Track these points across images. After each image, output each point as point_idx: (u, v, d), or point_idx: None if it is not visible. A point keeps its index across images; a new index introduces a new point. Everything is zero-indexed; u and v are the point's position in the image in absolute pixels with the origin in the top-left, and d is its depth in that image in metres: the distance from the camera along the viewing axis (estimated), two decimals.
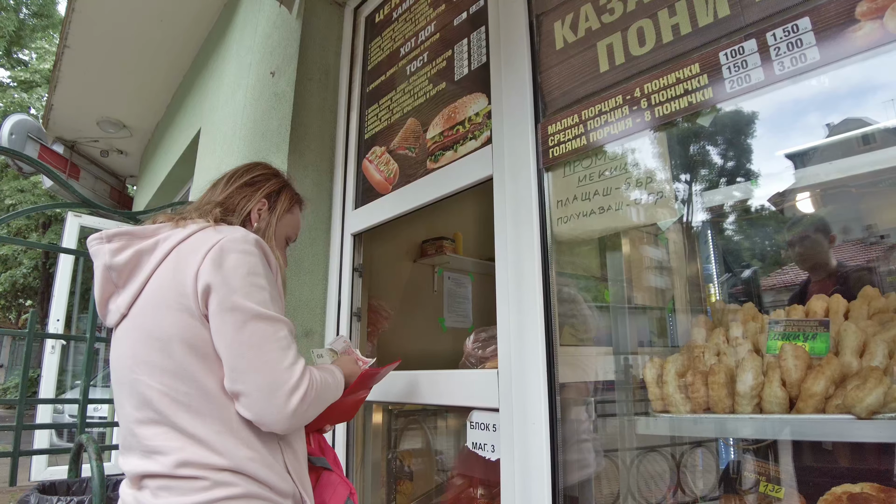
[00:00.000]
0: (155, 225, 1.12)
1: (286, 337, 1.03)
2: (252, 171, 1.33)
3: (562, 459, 1.26)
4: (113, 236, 1.08)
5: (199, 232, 1.08)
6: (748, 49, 1.08)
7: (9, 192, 14.96)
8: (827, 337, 1.13)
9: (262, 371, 0.98)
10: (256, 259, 1.04)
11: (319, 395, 1.05)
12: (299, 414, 1.00)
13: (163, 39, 4.09)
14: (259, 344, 0.99)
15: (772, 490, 1.31)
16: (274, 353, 1.00)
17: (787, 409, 1.07)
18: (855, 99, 1.15)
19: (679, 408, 1.19)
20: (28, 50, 17.52)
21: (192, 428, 0.97)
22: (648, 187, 1.25)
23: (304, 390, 1.00)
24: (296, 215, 1.38)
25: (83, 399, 2.48)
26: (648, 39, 1.26)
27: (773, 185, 1.45)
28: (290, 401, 0.98)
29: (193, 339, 0.99)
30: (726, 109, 1.16)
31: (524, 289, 1.35)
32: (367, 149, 2.23)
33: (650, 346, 1.60)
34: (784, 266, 1.72)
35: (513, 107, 1.51)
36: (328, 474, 1.25)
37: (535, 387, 1.28)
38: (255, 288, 1.01)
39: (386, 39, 2.28)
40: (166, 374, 0.99)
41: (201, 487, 0.94)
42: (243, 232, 1.07)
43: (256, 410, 0.97)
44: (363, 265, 2.21)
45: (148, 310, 1.03)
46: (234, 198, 1.25)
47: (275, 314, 1.03)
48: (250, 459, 0.99)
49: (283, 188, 1.34)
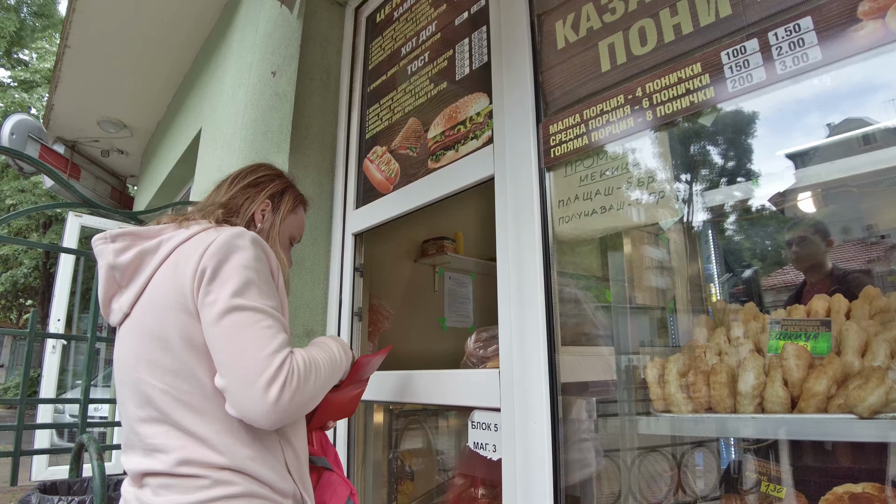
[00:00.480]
0: (159, 226, 1.12)
1: (270, 327, 0.98)
2: (255, 172, 1.33)
3: (563, 459, 1.26)
4: (117, 236, 1.08)
5: (201, 233, 1.08)
6: (750, 49, 1.08)
7: (9, 192, 14.97)
8: (829, 336, 1.13)
9: (238, 362, 0.94)
10: (249, 254, 1.02)
11: (307, 381, 0.99)
12: (283, 405, 0.94)
13: (164, 39, 4.09)
14: (237, 335, 0.95)
15: (773, 490, 1.31)
16: (252, 343, 0.95)
17: (789, 409, 1.07)
18: (856, 99, 1.15)
19: (681, 407, 1.19)
20: (29, 50, 17.52)
21: (192, 426, 0.97)
22: (650, 187, 1.25)
23: (283, 379, 0.94)
24: (300, 216, 1.38)
25: (84, 399, 2.48)
26: (650, 39, 1.26)
27: (773, 185, 1.45)
28: (268, 392, 0.92)
29: (192, 337, 0.99)
30: (728, 109, 1.16)
31: (525, 288, 1.35)
32: (368, 148, 2.23)
33: (651, 345, 1.60)
34: (784, 266, 1.72)
35: (514, 106, 1.51)
36: (329, 474, 1.25)
37: (536, 386, 1.28)
38: (243, 281, 0.99)
39: (387, 39, 2.28)
40: (167, 373, 0.99)
41: (201, 486, 0.94)
42: (240, 229, 1.07)
43: (237, 405, 0.94)
44: (364, 265, 2.21)
45: (149, 309, 1.03)
46: (237, 199, 1.25)
47: (260, 305, 0.99)
48: (251, 459, 0.98)
49: (287, 189, 1.34)
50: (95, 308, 3.32)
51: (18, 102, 15.81)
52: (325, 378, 1.07)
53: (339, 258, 2.20)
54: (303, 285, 2.11)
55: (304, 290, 2.12)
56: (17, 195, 14.88)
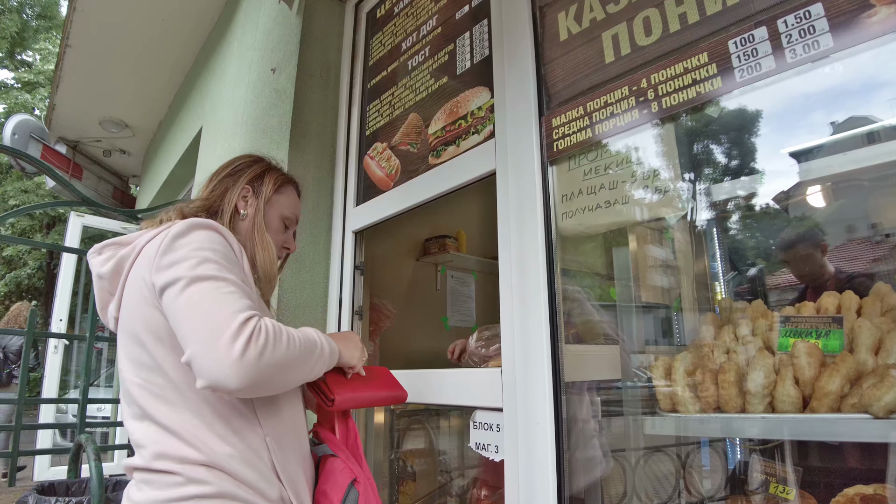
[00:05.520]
0: (138, 232, 1.13)
1: (233, 292, 0.93)
2: (233, 163, 1.31)
3: (567, 459, 1.23)
4: (103, 248, 1.12)
5: (165, 229, 1.06)
6: (758, 37, 1.04)
7: (13, 193, 15.04)
8: (841, 334, 1.10)
9: (199, 326, 0.88)
10: (202, 236, 1.00)
11: (277, 342, 0.91)
12: (250, 360, 0.85)
13: (164, 38, 4.08)
14: (198, 302, 0.90)
15: (781, 491, 1.28)
16: (214, 306, 0.89)
17: (801, 409, 1.04)
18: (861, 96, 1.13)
19: (688, 407, 1.16)
20: (31, 51, 17.58)
21: (168, 421, 0.96)
22: (655, 181, 1.22)
23: (248, 333, 0.87)
24: (287, 196, 1.32)
25: (83, 399, 2.47)
26: (655, 29, 1.23)
27: (780, 182, 1.43)
28: (233, 345, 0.85)
29: (157, 330, 0.98)
30: (735, 102, 1.13)
31: (528, 285, 1.32)
32: (368, 145, 2.20)
33: (656, 344, 1.58)
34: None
35: (516, 100, 1.48)
36: (332, 461, 1.15)
37: (539, 386, 1.25)
38: (199, 259, 0.95)
39: (387, 35, 2.25)
40: (143, 368, 0.99)
41: (175, 483, 0.92)
42: (194, 219, 1.05)
43: (201, 369, 0.86)
44: (365, 263, 2.19)
45: (125, 308, 1.05)
46: (216, 191, 1.24)
47: (221, 275, 0.94)
48: (228, 456, 0.95)
49: (266, 171, 1.31)
50: (94, 308, 3.31)
51: (21, 104, 15.86)
52: (299, 348, 0.97)
53: (339, 256, 2.17)
54: (302, 283, 2.09)
55: (304, 288, 2.09)
56: (20, 196, 14.95)
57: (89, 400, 2.50)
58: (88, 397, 2.50)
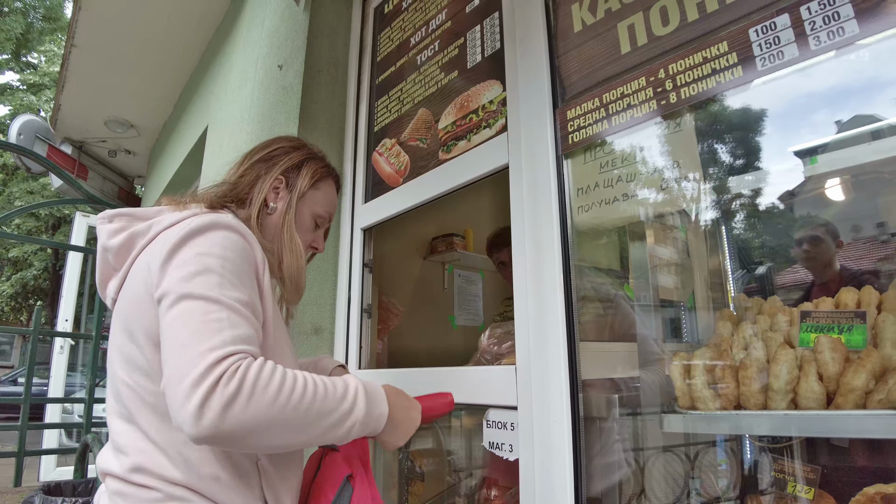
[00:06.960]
0: (157, 207, 1.03)
1: (221, 320, 0.79)
2: (270, 145, 1.19)
3: (585, 458, 1.20)
4: (114, 216, 1.00)
5: (188, 217, 0.95)
6: (781, 24, 1.02)
7: (19, 194, 15.11)
8: (864, 329, 1.07)
9: (176, 356, 0.77)
10: (214, 239, 0.88)
11: (260, 393, 0.76)
12: (210, 414, 0.71)
13: (169, 37, 4.07)
14: (180, 328, 0.79)
15: (801, 490, 1.26)
16: (192, 337, 0.77)
17: (825, 405, 1.01)
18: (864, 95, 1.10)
19: (708, 404, 1.13)
20: (37, 53, 17.66)
21: (155, 433, 0.87)
22: (673, 172, 1.20)
23: (212, 381, 0.72)
24: (325, 192, 1.20)
25: (89, 398, 2.46)
26: (672, 18, 1.20)
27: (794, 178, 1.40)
28: (193, 392, 0.72)
29: (156, 335, 0.86)
30: (753, 93, 1.10)
31: (544, 281, 1.30)
32: (376, 141, 2.19)
33: (673, 340, 1.55)
34: (794, 265, 1.67)
35: (529, 93, 1.45)
36: (331, 455, 1.10)
37: (556, 383, 1.23)
38: (199, 268, 0.84)
39: (396, 30, 2.24)
40: (136, 370, 0.90)
41: (152, 499, 0.85)
42: (214, 215, 0.93)
43: (168, 405, 0.75)
44: (373, 261, 2.17)
45: (125, 297, 0.95)
46: (247, 176, 1.12)
47: (215, 295, 0.81)
48: (214, 480, 0.86)
49: (306, 161, 1.17)
50: (100, 308, 3.31)
51: (27, 105, 15.93)
52: (302, 406, 0.81)
53: (347, 254, 2.16)
54: (311, 281, 2.07)
55: (313, 286, 2.08)
56: (26, 197, 15.02)
57: (95, 399, 2.49)
58: (95, 397, 2.49)
